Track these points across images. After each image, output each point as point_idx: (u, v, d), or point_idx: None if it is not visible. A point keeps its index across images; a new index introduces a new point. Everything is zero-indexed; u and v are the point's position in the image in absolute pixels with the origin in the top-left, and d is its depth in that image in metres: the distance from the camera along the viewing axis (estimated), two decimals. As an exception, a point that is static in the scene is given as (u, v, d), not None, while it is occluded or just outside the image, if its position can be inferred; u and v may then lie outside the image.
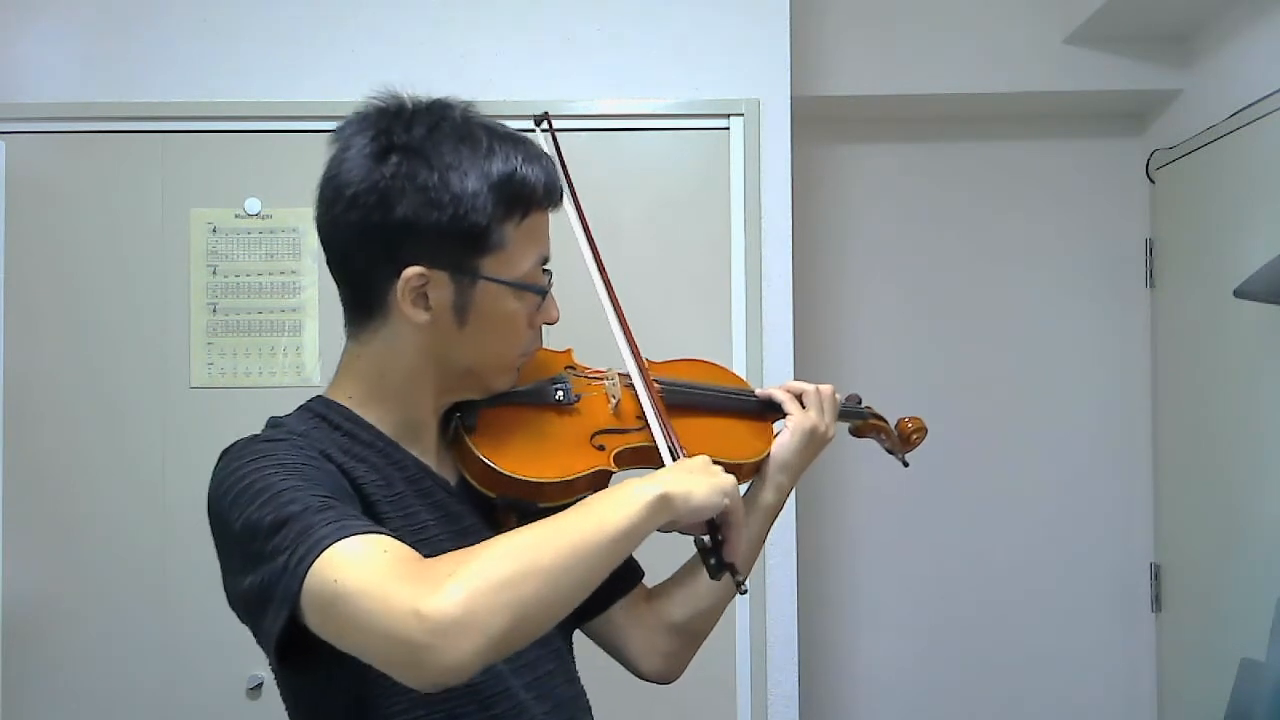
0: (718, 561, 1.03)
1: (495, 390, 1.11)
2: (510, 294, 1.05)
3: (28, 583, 2.26)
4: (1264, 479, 2.28)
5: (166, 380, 2.30)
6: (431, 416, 1.10)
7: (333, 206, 1.02)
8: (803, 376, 2.46)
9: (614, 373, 1.23)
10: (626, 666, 1.27)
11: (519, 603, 0.81)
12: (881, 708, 2.88)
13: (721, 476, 1.00)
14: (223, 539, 0.95)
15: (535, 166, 1.05)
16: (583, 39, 2.37)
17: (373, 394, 1.06)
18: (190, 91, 2.33)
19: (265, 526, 0.87)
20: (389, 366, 1.06)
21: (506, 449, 1.09)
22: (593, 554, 0.86)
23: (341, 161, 1.02)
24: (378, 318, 1.04)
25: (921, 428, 1.45)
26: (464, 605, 0.78)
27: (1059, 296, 2.88)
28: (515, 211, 1.03)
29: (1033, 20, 2.65)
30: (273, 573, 0.86)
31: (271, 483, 0.91)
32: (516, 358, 1.10)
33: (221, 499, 0.94)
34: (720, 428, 1.27)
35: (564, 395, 1.16)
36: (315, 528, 0.86)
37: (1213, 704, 2.26)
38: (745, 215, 2.32)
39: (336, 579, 0.82)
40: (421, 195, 0.99)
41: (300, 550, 0.84)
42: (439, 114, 1.04)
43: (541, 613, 0.83)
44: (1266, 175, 2.28)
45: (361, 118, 1.04)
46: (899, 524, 2.87)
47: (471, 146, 1.02)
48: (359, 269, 1.03)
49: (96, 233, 2.33)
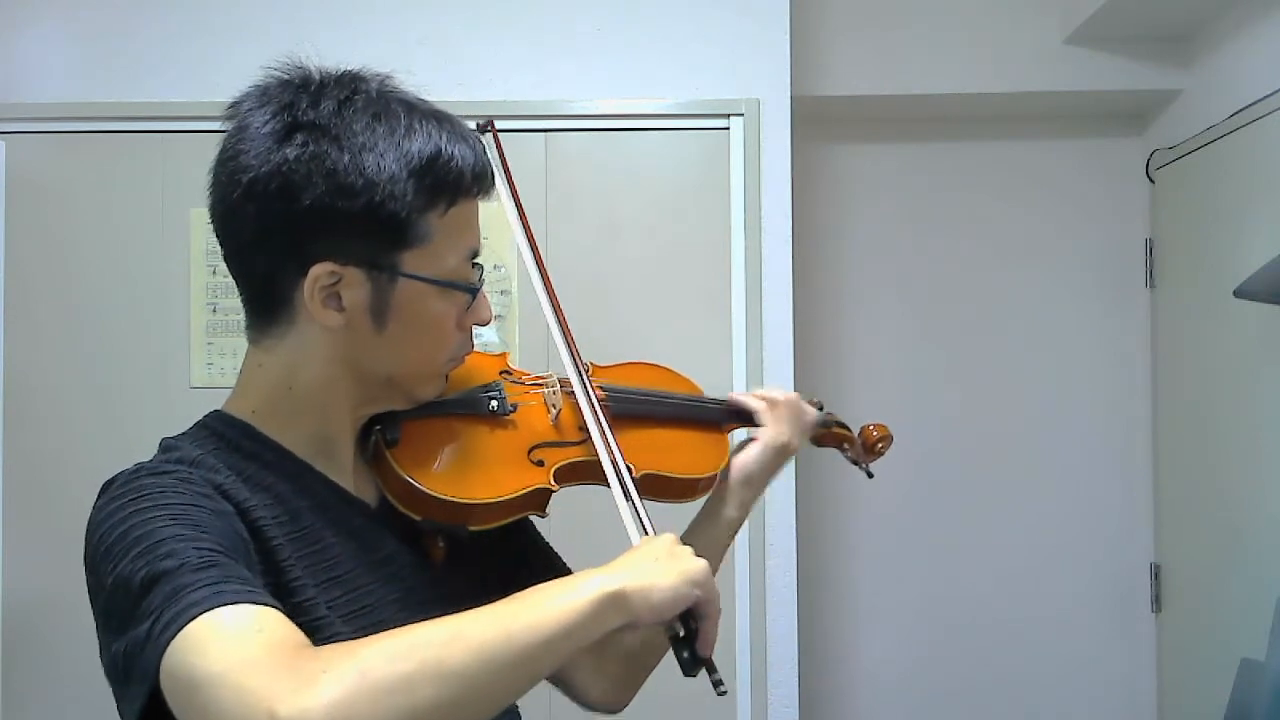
0: (691, 656, 0.87)
1: (421, 400, 0.98)
2: (435, 293, 0.92)
3: (28, 583, 2.26)
4: (1264, 479, 2.28)
5: (166, 380, 2.30)
6: (348, 431, 0.97)
7: (228, 194, 0.88)
8: (803, 376, 2.48)
9: (554, 378, 1.11)
10: (571, 696, 1.15)
11: (408, 712, 0.67)
12: (882, 707, 2.88)
13: (690, 562, 0.85)
14: (95, 593, 0.81)
15: (463, 146, 0.91)
16: (583, 39, 2.38)
17: (279, 408, 0.93)
18: (190, 91, 2.33)
19: (136, 584, 0.75)
20: (297, 377, 0.92)
21: (432, 466, 0.97)
22: (516, 659, 0.72)
23: (238, 142, 0.88)
24: (282, 321, 0.91)
25: (887, 435, 1.34)
26: (333, 710, 0.65)
27: (1059, 296, 2.88)
28: (440, 200, 0.90)
29: (1033, 20, 2.65)
30: (135, 641, 0.73)
31: (150, 529, 0.78)
32: (444, 363, 0.98)
33: (96, 547, 0.80)
34: (670, 440, 1.15)
35: (498, 405, 1.04)
36: (187, 590, 0.72)
37: (1213, 704, 2.26)
38: (745, 215, 2.32)
39: (195, 661, 0.69)
40: (331, 181, 0.86)
41: (166, 616, 0.72)
42: (351, 87, 0.90)
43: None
44: (1266, 175, 2.28)
45: (261, 91, 0.91)
46: (898, 524, 2.87)
47: (389, 124, 0.88)
48: (260, 266, 0.91)
49: (96, 233, 2.33)
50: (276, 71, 0.92)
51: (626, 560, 0.84)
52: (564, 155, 2.35)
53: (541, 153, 2.34)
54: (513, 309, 2.29)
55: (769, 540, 2.31)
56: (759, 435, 1.17)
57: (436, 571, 0.99)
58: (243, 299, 0.95)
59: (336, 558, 0.91)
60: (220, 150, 0.91)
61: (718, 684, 0.88)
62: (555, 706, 1.17)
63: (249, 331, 0.95)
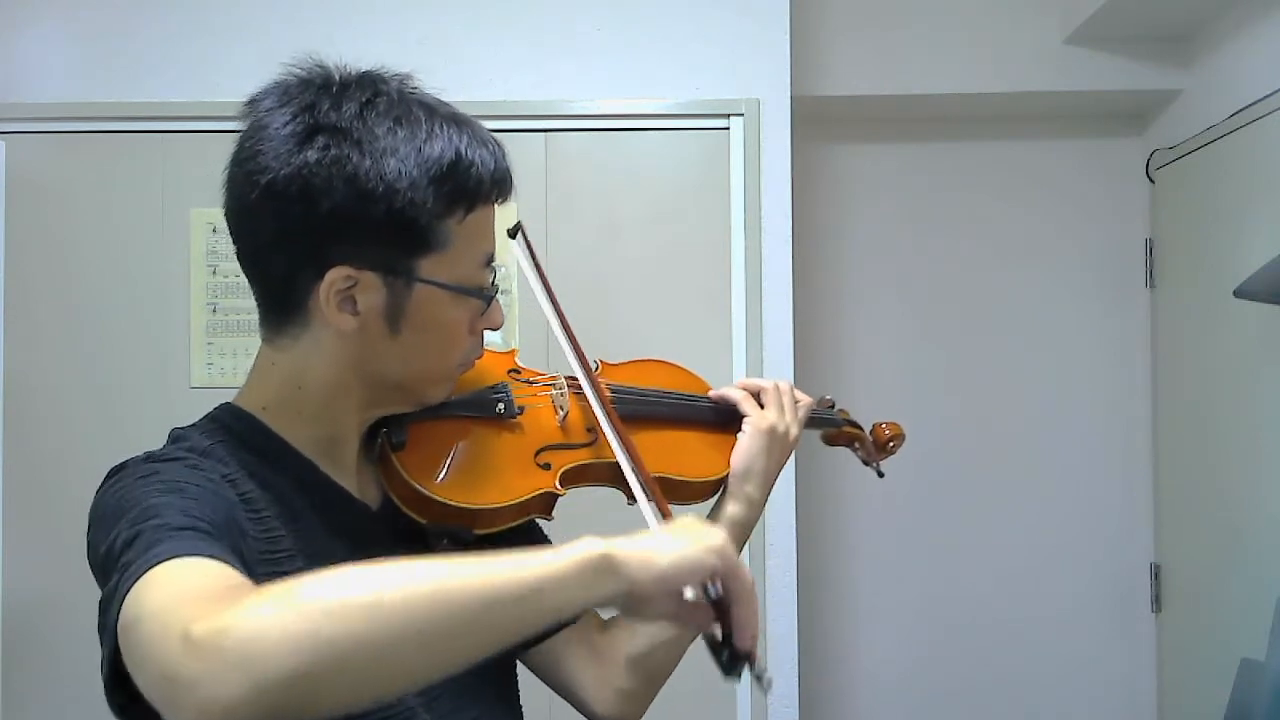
0: (731, 655, 0.77)
1: (429, 403, 0.97)
2: (450, 298, 0.91)
3: (28, 583, 2.26)
4: (1264, 479, 2.28)
5: (166, 380, 2.30)
6: (354, 433, 0.96)
7: (245, 195, 0.87)
8: (803, 377, 2.48)
9: (562, 379, 1.09)
10: (576, 707, 1.11)
11: (332, 642, 0.60)
12: (882, 708, 2.88)
13: (708, 531, 0.77)
14: (92, 567, 0.80)
15: (482, 152, 0.90)
16: (583, 39, 2.37)
17: (288, 406, 0.92)
18: (190, 91, 2.33)
19: (119, 545, 0.73)
20: (308, 377, 0.92)
21: (438, 470, 0.96)
22: (471, 605, 0.64)
23: (257, 142, 0.87)
24: (296, 322, 0.91)
25: (899, 434, 1.31)
26: (249, 630, 0.59)
27: (1059, 297, 2.88)
28: (459, 206, 0.89)
29: (1033, 20, 2.65)
30: (106, 595, 0.71)
31: (145, 501, 0.76)
32: (454, 368, 0.97)
33: (94, 523, 0.80)
34: (677, 441, 1.12)
35: (505, 407, 1.02)
36: (157, 544, 0.70)
37: (1213, 704, 2.26)
38: (745, 215, 2.32)
39: (140, 599, 0.66)
40: (352, 186, 0.85)
41: (133, 568, 0.69)
42: (372, 89, 0.89)
43: (371, 664, 0.61)
44: (1266, 175, 2.28)
45: (281, 90, 0.89)
46: (898, 524, 2.87)
47: (410, 129, 0.87)
48: (276, 267, 0.89)
49: (96, 233, 2.33)
50: (297, 70, 0.90)
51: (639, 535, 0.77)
52: (564, 155, 2.35)
53: (541, 153, 2.34)
54: (513, 309, 2.29)
55: (769, 540, 2.31)
56: (746, 424, 1.13)
57: None
58: (257, 298, 0.94)
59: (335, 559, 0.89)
60: (237, 149, 0.89)
61: (760, 677, 0.78)
62: (555, 710, 1.16)
63: (262, 330, 0.94)
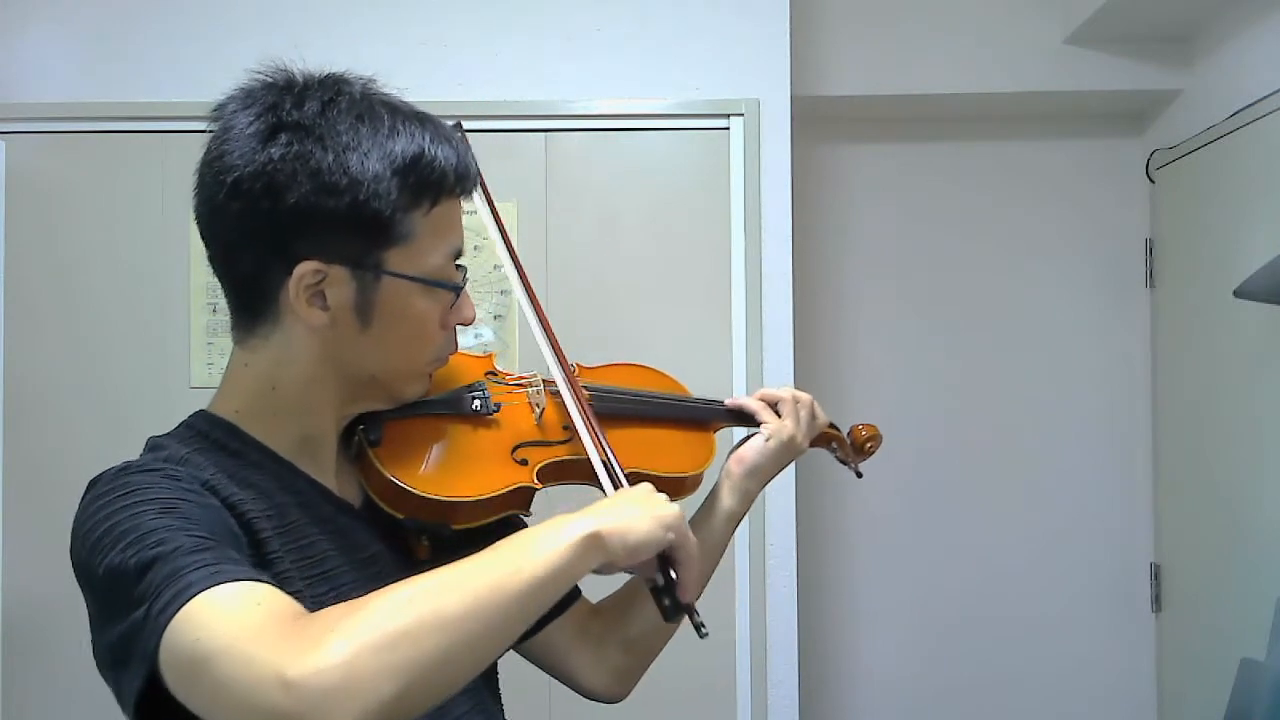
0: (673, 603, 0.92)
1: (404, 399, 0.99)
2: (419, 291, 0.93)
3: (28, 583, 2.26)
4: (1264, 479, 2.28)
5: (166, 380, 2.30)
6: (331, 431, 0.98)
7: (213, 195, 0.89)
8: (803, 376, 2.48)
9: (539, 378, 1.12)
10: (569, 685, 1.18)
11: (415, 662, 0.69)
12: (882, 707, 2.88)
13: (664, 507, 0.88)
14: (88, 590, 0.81)
15: (445, 147, 0.93)
16: (583, 39, 2.37)
17: (263, 408, 0.94)
18: (190, 91, 2.32)
19: (131, 570, 0.75)
20: (282, 376, 0.93)
21: (415, 465, 0.98)
22: (508, 603, 0.74)
23: (223, 143, 0.89)
24: (268, 321, 0.92)
25: (876, 435, 1.35)
26: (344, 668, 0.66)
27: (1059, 296, 2.88)
28: (423, 199, 0.91)
29: (1033, 20, 2.65)
30: (134, 624, 0.74)
31: (139, 522, 0.78)
32: (428, 363, 0.99)
33: (84, 543, 0.81)
34: (655, 439, 1.16)
35: (481, 404, 1.05)
36: (184, 571, 0.73)
37: (1213, 704, 2.26)
38: (745, 215, 2.32)
39: (198, 637, 0.70)
40: (316, 180, 0.86)
41: (165, 597, 0.72)
42: (334, 89, 0.91)
43: (445, 673, 0.71)
44: (1266, 175, 2.28)
45: (245, 94, 0.92)
46: (898, 524, 2.87)
47: (372, 125, 0.89)
48: (245, 265, 0.91)
49: (96, 233, 2.33)
50: (260, 74, 0.93)
51: (603, 505, 0.86)
52: (564, 155, 2.35)
53: (541, 153, 2.34)
54: (512, 308, 2.29)
55: (769, 540, 2.31)
56: (766, 430, 1.19)
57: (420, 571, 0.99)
58: (228, 299, 0.95)
59: (323, 554, 0.92)
60: (205, 152, 0.91)
61: (699, 626, 0.92)
62: (555, 703, 1.17)
63: (234, 332, 0.96)
